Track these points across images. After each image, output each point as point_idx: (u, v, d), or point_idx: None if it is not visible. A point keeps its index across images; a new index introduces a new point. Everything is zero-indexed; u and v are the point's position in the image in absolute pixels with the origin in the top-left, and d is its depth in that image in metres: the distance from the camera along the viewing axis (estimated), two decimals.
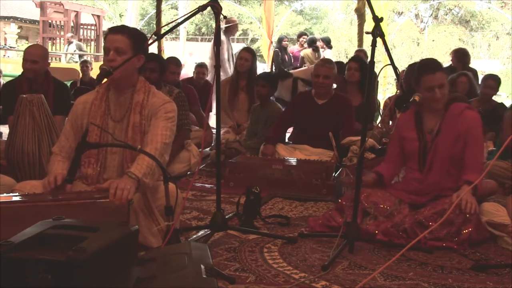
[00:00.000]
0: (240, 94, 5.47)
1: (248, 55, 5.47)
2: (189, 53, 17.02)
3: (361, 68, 5.08)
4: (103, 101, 2.55)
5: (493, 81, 5.27)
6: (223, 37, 8.00)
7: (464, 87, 5.32)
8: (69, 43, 14.30)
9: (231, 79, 5.58)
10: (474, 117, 2.93)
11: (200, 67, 6.64)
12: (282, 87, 6.25)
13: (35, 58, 3.97)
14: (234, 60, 6.07)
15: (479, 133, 2.92)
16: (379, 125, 5.04)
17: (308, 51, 9.12)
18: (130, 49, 2.42)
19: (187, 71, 13.08)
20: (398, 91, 2.71)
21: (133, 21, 16.05)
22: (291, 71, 7.23)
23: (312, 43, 9.36)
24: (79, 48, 14.38)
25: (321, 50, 9.32)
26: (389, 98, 5.69)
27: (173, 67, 5.06)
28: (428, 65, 2.93)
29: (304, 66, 7.84)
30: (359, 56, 6.94)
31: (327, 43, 9.97)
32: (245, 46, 7.51)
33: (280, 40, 9.52)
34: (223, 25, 8.02)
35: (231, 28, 8.17)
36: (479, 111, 3.42)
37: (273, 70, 8.64)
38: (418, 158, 2.96)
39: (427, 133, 2.96)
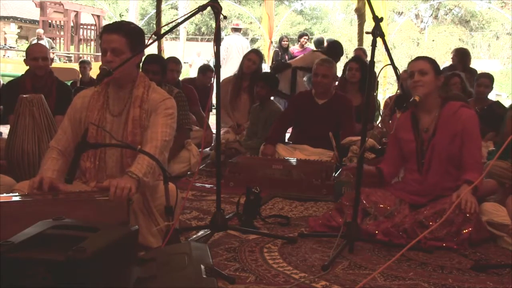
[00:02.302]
0: (242, 95, 5.48)
1: (256, 58, 5.52)
2: (196, 53, 17.03)
3: (362, 68, 5.08)
4: (101, 95, 2.55)
5: (486, 79, 5.26)
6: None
7: (457, 88, 5.30)
8: (39, 40, 13.32)
9: (234, 78, 5.59)
10: (470, 114, 2.91)
11: (210, 72, 6.51)
12: (281, 78, 6.24)
13: (46, 55, 4.04)
14: None
15: (476, 130, 2.91)
16: (379, 125, 5.04)
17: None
18: (127, 48, 2.41)
19: (195, 72, 13.04)
20: (398, 91, 2.71)
21: (133, 21, 16.05)
22: (289, 61, 7.20)
23: (319, 44, 9.33)
24: (50, 45, 13.87)
25: None
26: (390, 97, 5.69)
27: (173, 65, 5.08)
28: (416, 57, 3.04)
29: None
30: (359, 56, 6.94)
31: None
32: (254, 48, 7.52)
33: (279, 40, 9.51)
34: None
35: None
36: (475, 110, 3.41)
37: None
38: (416, 159, 2.96)
39: (423, 133, 2.95)
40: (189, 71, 14.05)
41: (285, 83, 6.21)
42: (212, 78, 6.61)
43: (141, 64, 4.31)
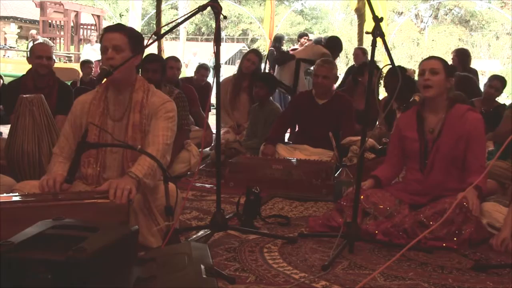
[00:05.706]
0: (241, 95, 5.49)
1: (256, 59, 5.54)
2: (192, 53, 17.05)
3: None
4: (101, 101, 2.55)
5: (498, 82, 5.21)
6: None
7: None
8: (34, 40, 13.00)
9: (234, 78, 5.60)
10: (477, 118, 2.91)
11: (205, 70, 6.61)
12: (284, 70, 6.19)
13: (50, 54, 4.07)
14: None
15: (482, 134, 2.92)
16: (379, 125, 5.04)
17: None
18: (128, 47, 2.43)
19: (192, 72, 13.04)
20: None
21: (136, 21, 15.99)
22: (292, 52, 7.15)
23: (317, 43, 9.34)
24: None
25: None
26: (382, 99, 5.71)
27: (172, 62, 5.11)
28: (429, 56, 3.03)
29: None
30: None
31: None
32: (253, 48, 7.52)
33: (280, 39, 9.36)
34: None
35: None
36: (481, 111, 3.40)
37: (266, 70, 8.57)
38: (419, 159, 2.96)
39: (428, 133, 2.95)
40: (185, 71, 14.10)
41: (288, 74, 6.19)
42: (210, 77, 6.68)
43: (141, 63, 4.35)
